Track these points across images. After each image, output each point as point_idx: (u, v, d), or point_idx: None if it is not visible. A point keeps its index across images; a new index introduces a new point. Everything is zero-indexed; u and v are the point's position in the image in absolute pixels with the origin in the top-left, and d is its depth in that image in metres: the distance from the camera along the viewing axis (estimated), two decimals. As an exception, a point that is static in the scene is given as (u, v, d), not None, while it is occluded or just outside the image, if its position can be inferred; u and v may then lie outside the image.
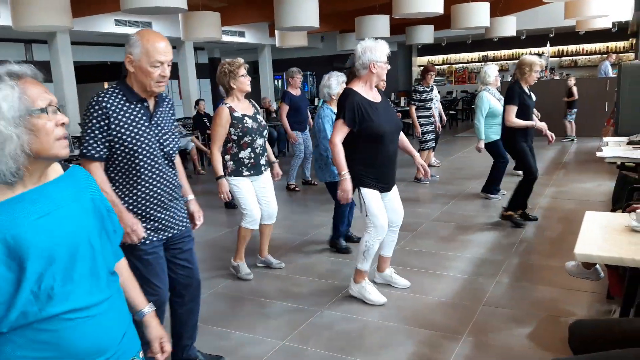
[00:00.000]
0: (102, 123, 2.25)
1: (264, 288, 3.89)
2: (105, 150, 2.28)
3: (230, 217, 6.01)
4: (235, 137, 3.85)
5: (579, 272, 3.32)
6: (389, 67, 3.47)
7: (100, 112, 2.24)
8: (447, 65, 17.58)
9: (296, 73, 7.31)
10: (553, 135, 5.01)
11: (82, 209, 1.40)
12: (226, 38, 12.25)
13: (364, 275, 3.60)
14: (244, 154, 3.90)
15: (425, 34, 12.08)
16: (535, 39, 14.75)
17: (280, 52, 15.71)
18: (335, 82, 4.67)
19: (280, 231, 5.47)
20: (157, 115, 2.39)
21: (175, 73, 13.90)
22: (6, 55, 11.04)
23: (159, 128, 2.37)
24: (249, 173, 3.95)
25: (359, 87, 3.43)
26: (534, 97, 5.09)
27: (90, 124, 2.25)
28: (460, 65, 17.46)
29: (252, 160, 3.93)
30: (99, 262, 1.40)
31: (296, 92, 7.32)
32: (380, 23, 9.93)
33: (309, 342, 3.04)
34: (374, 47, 3.37)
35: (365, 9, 10.36)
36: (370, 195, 3.42)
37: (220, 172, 3.83)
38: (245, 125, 3.85)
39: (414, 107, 7.22)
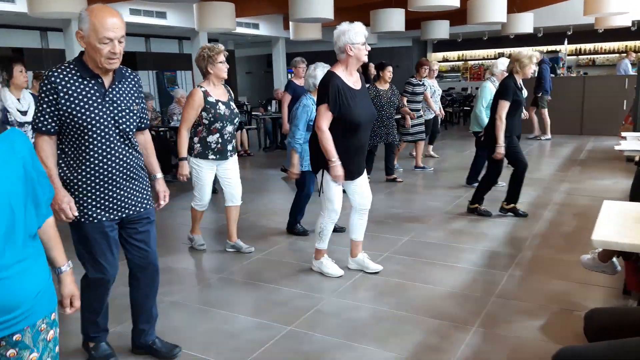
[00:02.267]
0: (51, 97, 2.25)
1: (272, 275, 3.84)
2: (54, 124, 2.28)
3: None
4: (206, 122, 3.93)
5: (595, 265, 3.23)
6: (369, 48, 3.45)
7: (49, 86, 2.24)
8: (463, 62, 17.38)
9: (300, 62, 7.26)
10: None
11: (9, 173, 1.42)
12: (240, 30, 12.22)
13: (323, 252, 3.81)
14: (212, 138, 3.99)
15: (441, 30, 11.94)
16: (553, 36, 14.51)
17: (294, 45, 15.64)
18: (321, 73, 4.56)
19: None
20: (114, 92, 2.35)
21: (189, 64, 13.91)
22: (22, 43, 11.12)
23: (115, 105, 2.34)
24: (214, 157, 4.06)
25: (339, 71, 3.42)
26: (525, 93, 5.07)
27: (40, 98, 2.27)
28: (476, 61, 17.27)
29: (219, 145, 4.03)
30: (18, 226, 1.43)
31: (300, 82, 7.29)
32: (395, 17, 9.83)
33: (316, 328, 3.00)
34: (347, 30, 3.35)
35: (381, 2, 10.26)
36: (331, 181, 3.49)
37: (184, 153, 3.99)
38: (218, 111, 3.92)
39: (405, 99, 7.31)
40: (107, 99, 2.32)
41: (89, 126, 2.28)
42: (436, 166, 7.98)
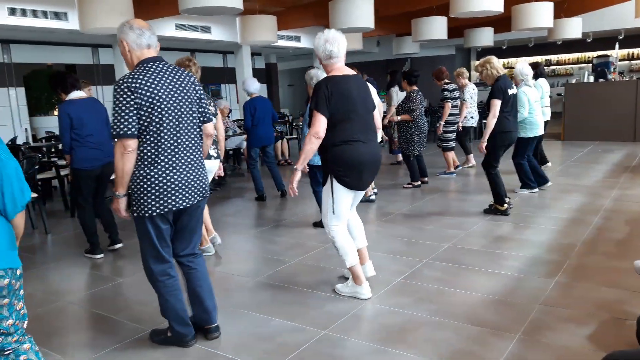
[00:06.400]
0: None
1: (308, 279, 3.80)
2: None
3: (270, 212, 5.99)
4: None
5: (649, 271, 3.04)
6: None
7: None
8: (508, 69, 16.96)
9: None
10: None
11: None
12: (282, 43, 12.37)
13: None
14: None
15: (485, 37, 11.75)
16: (603, 41, 14.03)
17: (336, 57, 15.69)
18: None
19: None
20: None
21: (232, 78, 14.17)
22: (75, 59, 11.64)
23: None
24: None
25: None
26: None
27: None
28: (522, 69, 16.85)
29: None
30: None
31: None
32: (438, 25, 9.74)
33: (351, 333, 2.93)
34: None
35: (422, 11, 10.17)
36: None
37: None
38: None
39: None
40: None
41: None
42: (479, 171, 7.76)
